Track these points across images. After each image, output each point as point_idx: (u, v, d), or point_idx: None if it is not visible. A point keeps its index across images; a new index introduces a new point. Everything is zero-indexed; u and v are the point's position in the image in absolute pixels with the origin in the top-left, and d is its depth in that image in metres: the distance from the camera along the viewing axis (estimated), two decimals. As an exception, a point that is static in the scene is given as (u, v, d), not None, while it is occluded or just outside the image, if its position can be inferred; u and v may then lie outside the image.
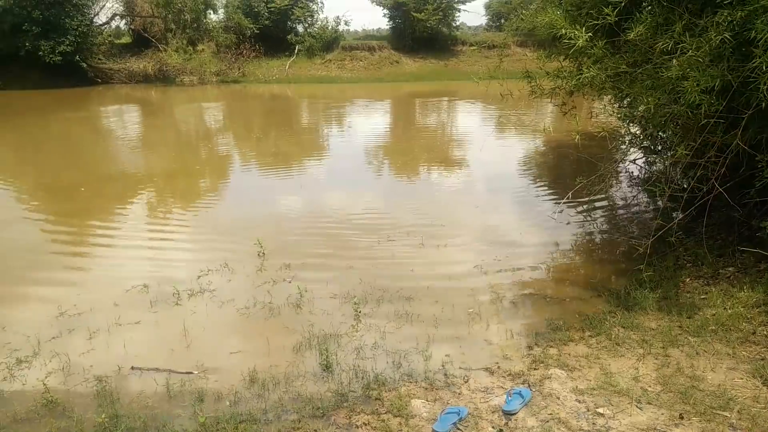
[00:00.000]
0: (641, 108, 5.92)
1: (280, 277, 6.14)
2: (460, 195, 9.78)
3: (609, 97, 8.40)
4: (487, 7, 37.77)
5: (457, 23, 34.87)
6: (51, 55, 24.93)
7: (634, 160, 10.00)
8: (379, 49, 32.54)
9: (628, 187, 9.87)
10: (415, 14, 30.83)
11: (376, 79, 30.15)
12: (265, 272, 6.31)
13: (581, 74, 6.35)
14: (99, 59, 28.69)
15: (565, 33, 5.84)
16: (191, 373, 4.39)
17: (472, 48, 28.88)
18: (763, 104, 4.46)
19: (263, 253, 6.68)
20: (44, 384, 4.07)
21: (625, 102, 8.05)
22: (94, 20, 29.22)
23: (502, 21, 36.57)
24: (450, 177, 11.08)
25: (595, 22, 5.75)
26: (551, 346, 4.57)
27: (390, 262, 6.57)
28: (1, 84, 24.87)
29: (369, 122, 18.89)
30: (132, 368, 4.47)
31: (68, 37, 25.24)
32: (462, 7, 33.52)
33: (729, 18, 4.54)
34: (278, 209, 8.98)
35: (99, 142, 15.47)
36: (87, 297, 5.71)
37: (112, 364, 4.52)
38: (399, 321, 5.17)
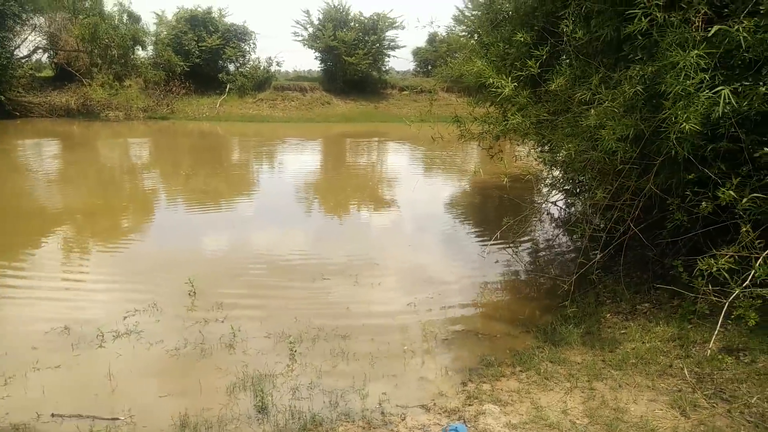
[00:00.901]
0: (562, 153, 6.31)
1: (212, 317, 6.00)
2: (392, 234, 9.94)
3: (532, 142, 8.91)
4: (415, 53, 39.07)
5: (387, 68, 35.90)
6: (-34, 87, 23.65)
7: (555, 201, 10.53)
8: (310, 90, 32.87)
9: (550, 227, 10.34)
10: (346, 58, 31.48)
11: (307, 119, 30.35)
12: (196, 312, 6.15)
13: (507, 120, 6.72)
14: (18, 92, 27.37)
15: (493, 82, 6.20)
16: (117, 419, 4.20)
17: (404, 92, 29.64)
18: (673, 152, 4.86)
19: (194, 292, 6.52)
20: (-47, 435, 3.78)
21: (546, 147, 8.55)
22: (15, 53, 27.98)
23: (429, 67, 37.90)
24: (381, 216, 11.24)
25: (520, 73, 6.15)
26: (484, 382, 4.69)
27: (325, 301, 6.58)
28: None
29: (300, 161, 18.94)
30: (52, 415, 4.22)
31: (-14, 70, 24.06)
32: (391, 52, 34.58)
33: (641, 72, 4.97)
34: (209, 247, 8.80)
35: (15, 177, 14.67)
36: (1, 340, 5.36)
37: (30, 410, 4.26)
38: (335, 359, 5.16)
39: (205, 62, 31.09)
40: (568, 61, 6.38)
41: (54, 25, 28.85)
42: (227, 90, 31.29)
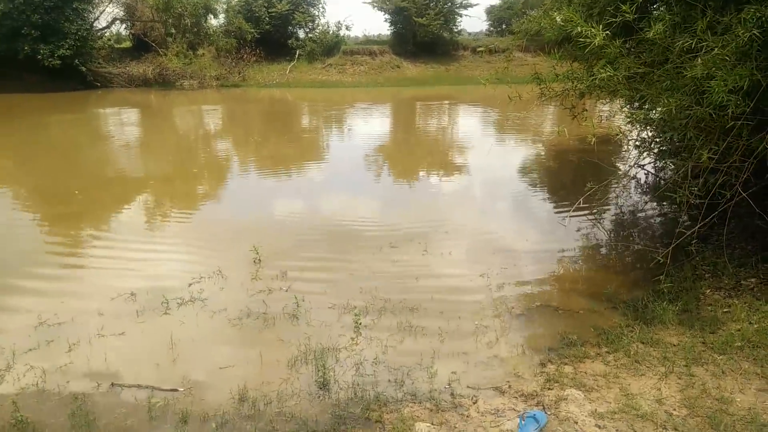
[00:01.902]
0: (660, 110, 5.60)
1: (276, 286, 5.82)
2: (463, 201, 9.45)
3: (621, 99, 8.17)
4: (489, 12, 37.58)
5: (459, 28, 34.70)
6: (50, 59, 24.62)
7: (643, 165, 9.70)
8: (380, 53, 32.28)
9: (635, 193, 9.55)
10: (416, 19, 30.60)
11: (377, 83, 29.88)
12: (260, 280, 5.98)
13: (595, 75, 6.07)
14: (98, 63, 28.30)
15: (582, 31, 5.57)
16: (176, 390, 4.07)
17: (479, 49, 28.22)
18: (794, 106, 4.21)
19: (259, 260, 6.37)
20: (14, 402, 3.74)
21: (637, 104, 7.78)
22: (94, 24, 28.91)
23: (503, 26, 36.40)
24: (452, 182, 10.72)
25: (612, 19, 5.49)
26: (566, 363, 4.24)
27: (392, 271, 6.24)
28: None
29: (369, 126, 18.57)
30: (112, 385, 4.15)
31: (67, 41, 24.92)
32: (463, 11, 33.37)
33: (757, 14, 4.28)
34: (276, 214, 8.67)
35: (96, 145, 15.15)
36: (70, 305, 5.39)
37: (91, 379, 4.21)
38: (402, 334, 4.85)
39: (274, 29, 31.09)
40: (666, 5, 5.64)
41: (130, -5, 29.54)
42: (297, 56, 31.22)
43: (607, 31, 5.52)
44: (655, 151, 8.77)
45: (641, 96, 6.39)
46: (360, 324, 4.91)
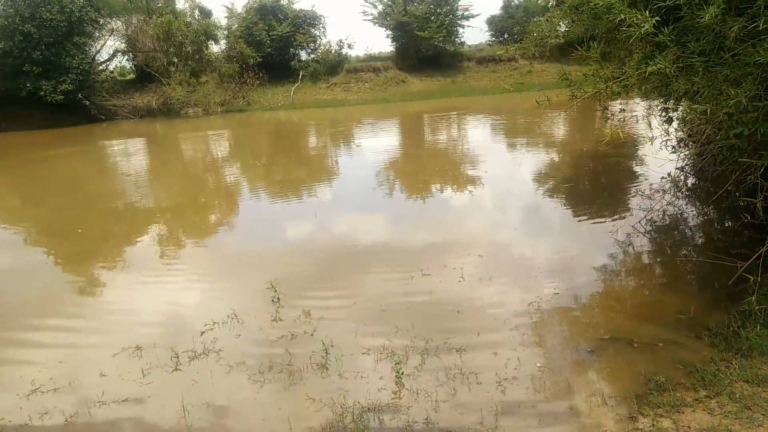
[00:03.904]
0: (728, 103, 4.88)
1: (300, 329, 5.10)
2: (491, 217, 8.68)
3: (655, 98, 7.54)
4: (490, 22, 37.03)
5: (461, 40, 34.22)
6: (53, 95, 24.40)
7: (683, 167, 8.98)
8: (384, 69, 31.78)
9: (674, 199, 8.77)
10: (418, 33, 30.15)
11: (382, 99, 29.31)
12: (281, 323, 5.27)
13: (643, 70, 5.42)
14: (102, 96, 28.06)
15: (625, 18, 4.97)
16: (192, 474, 3.36)
17: (498, 52, 27.63)
18: None
19: (277, 298, 5.67)
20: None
21: (671, 102, 7.14)
22: (96, 58, 28.71)
23: (506, 36, 35.88)
24: (476, 198, 9.90)
25: (663, 3, 4.86)
26: (661, 415, 3.48)
27: (429, 303, 5.50)
28: (4, 125, 24.38)
29: (379, 142, 17.86)
30: (115, 470, 3.45)
31: (69, 75, 24.70)
32: (465, 22, 32.94)
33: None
34: (292, 243, 7.99)
35: (101, 177, 14.62)
36: (68, 366, 4.71)
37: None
38: (453, 383, 4.10)
39: (276, 51, 30.74)
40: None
41: (131, 27, 29.31)
42: (300, 77, 30.79)
43: (657, 17, 4.93)
44: (697, 151, 8.09)
45: (686, 91, 5.72)
46: (402, 373, 4.19)
